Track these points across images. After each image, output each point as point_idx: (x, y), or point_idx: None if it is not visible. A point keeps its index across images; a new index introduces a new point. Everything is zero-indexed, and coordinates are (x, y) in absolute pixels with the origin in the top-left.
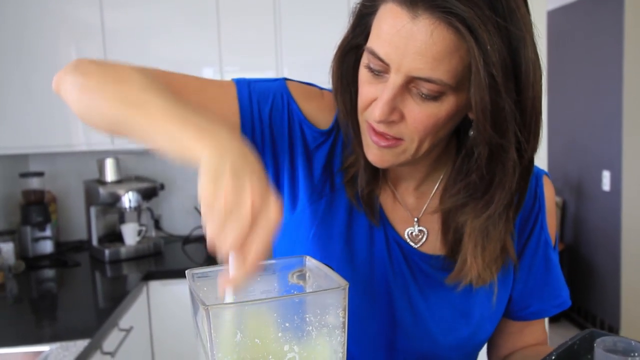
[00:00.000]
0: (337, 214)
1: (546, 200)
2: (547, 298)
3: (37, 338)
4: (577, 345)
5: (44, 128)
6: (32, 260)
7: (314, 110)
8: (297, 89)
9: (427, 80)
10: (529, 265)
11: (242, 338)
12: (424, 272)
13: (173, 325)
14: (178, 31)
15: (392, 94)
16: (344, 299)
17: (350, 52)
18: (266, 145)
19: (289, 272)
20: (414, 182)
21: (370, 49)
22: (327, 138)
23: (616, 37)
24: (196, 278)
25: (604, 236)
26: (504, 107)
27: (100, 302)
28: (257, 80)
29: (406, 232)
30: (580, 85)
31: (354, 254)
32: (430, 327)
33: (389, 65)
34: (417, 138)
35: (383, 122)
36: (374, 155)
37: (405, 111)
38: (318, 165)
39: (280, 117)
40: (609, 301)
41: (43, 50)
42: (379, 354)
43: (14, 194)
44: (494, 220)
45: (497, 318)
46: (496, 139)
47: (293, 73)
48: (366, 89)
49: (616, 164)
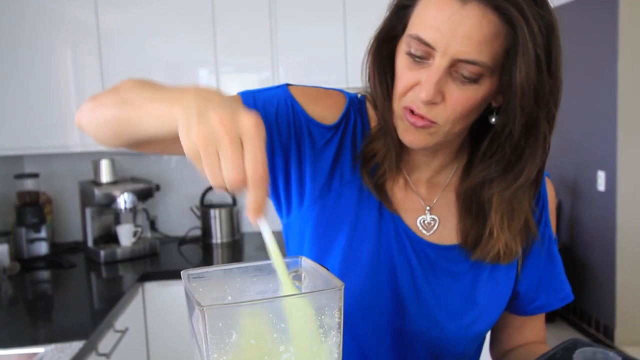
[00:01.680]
0: (346, 206)
1: (549, 199)
2: (552, 292)
3: (32, 339)
4: (559, 355)
5: (39, 129)
6: (27, 261)
7: (319, 110)
8: (300, 92)
9: (471, 63)
10: (535, 260)
11: (237, 338)
12: (431, 262)
13: (169, 327)
14: (173, 32)
15: (438, 75)
16: (339, 300)
17: (386, 43)
18: (276, 147)
19: None
20: (429, 172)
21: (414, 35)
22: (336, 132)
23: (611, 37)
24: (192, 279)
25: (599, 236)
26: (544, 84)
27: (96, 303)
28: (260, 90)
29: (418, 220)
30: (575, 85)
31: (362, 244)
32: (436, 315)
33: (435, 49)
34: (451, 119)
35: (428, 104)
36: (412, 136)
37: (447, 93)
38: (327, 161)
39: (285, 120)
40: (604, 301)
41: (38, 51)
42: (386, 340)
43: (8, 195)
44: (522, 192)
45: (500, 308)
46: (536, 112)
47: (289, 73)
48: (407, 75)
49: (611, 164)
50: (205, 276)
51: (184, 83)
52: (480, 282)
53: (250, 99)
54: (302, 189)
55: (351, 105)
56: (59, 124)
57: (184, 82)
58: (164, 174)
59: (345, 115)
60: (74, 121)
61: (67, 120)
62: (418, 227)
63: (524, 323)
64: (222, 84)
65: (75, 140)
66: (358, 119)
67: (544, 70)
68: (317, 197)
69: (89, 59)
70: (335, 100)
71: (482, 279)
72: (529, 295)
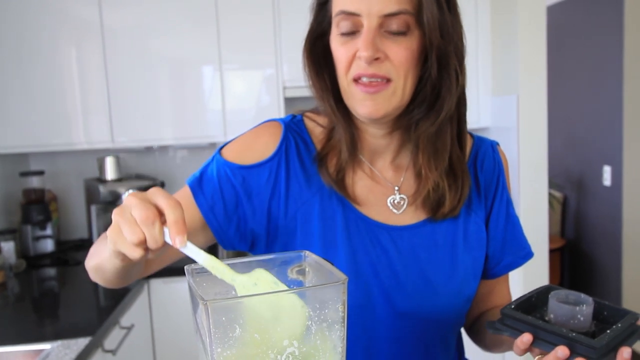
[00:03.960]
0: (311, 222)
1: (503, 165)
2: (515, 250)
3: (38, 336)
4: (534, 298)
5: (44, 127)
6: (33, 259)
7: (256, 154)
8: (231, 151)
9: (395, 14)
10: (496, 222)
11: (241, 333)
12: (408, 244)
13: (174, 323)
14: (177, 30)
15: (372, 34)
16: (343, 294)
17: (317, 41)
18: (235, 214)
19: (288, 267)
20: (390, 154)
21: (339, 11)
22: (279, 159)
23: (616, 32)
24: (195, 274)
25: (605, 232)
26: (447, 20)
27: (101, 300)
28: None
29: (388, 200)
30: (581, 80)
31: (336, 252)
32: (425, 293)
33: (360, 14)
34: (402, 73)
35: (371, 60)
36: (368, 107)
37: (387, 50)
38: (281, 188)
39: (231, 189)
40: (611, 296)
41: (43, 49)
42: (382, 331)
43: (14, 192)
44: (444, 130)
45: (479, 270)
46: (443, 45)
47: (292, 69)
48: (343, 50)
49: (617, 159)
50: (208, 271)
51: (189, 81)
52: (457, 249)
53: (197, 188)
54: (275, 222)
55: (288, 130)
56: (64, 122)
57: (188, 79)
58: (169, 170)
59: (283, 140)
60: (78, 119)
61: (72, 117)
62: (389, 208)
63: (492, 288)
64: (227, 81)
65: (80, 138)
66: (298, 139)
67: (444, 7)
68: (287, 223)
69: (93, 57)
70: (269, 133)
71: (459, 245)
72: (495, 256)
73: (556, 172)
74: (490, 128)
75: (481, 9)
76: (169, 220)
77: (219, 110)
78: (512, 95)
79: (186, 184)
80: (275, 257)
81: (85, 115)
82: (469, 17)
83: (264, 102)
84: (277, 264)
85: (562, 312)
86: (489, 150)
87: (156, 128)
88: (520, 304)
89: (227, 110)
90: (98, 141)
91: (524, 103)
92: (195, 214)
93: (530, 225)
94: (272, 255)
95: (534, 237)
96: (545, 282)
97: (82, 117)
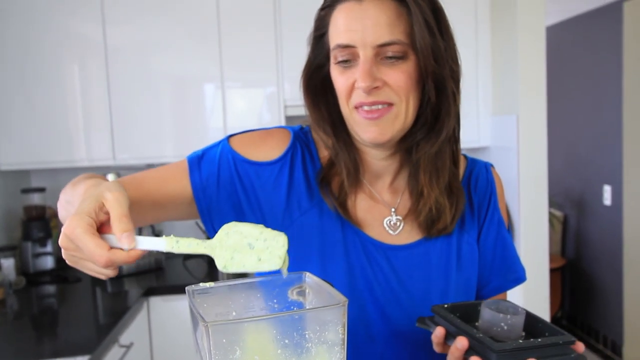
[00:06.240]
0: (310, 234)
1: (496, 186)
2: (504, 273)
3: (37, 354)
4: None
5: (45, 144)
6: (33, 275)
7: (262, 152)
8: (240, 142)
9: (389, 44)
10: (484, 242)
11: (241, 354)
12: (403, 264)
13: (174, 341)
14: (179, 47)
15: (368, 64)
16: (343, 316)
17: (315, 72)
18: (222, 202)
19: (288, 289)
20: (389, 177)
21: (335, 45)
22: (283, 165)
23: (615, 51)
24: (196, 295)
25: (605, 251)
26: (439, 46)
27: (101, 317)
28: (206, 151)
29: (385, 221)
30: (580, 99)
31: (335, 266)
32: (418, 310)
33: (356, 45)
34: (403, 96)
35: (369, 90)
36: (372, 132)
37: (384, 77)
38: (282, 194)
39: (227, 174)
40: (612, 316)
41: (46, 67)
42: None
43: (15, 209)
44: (444, 150)
45: (472, 292)
46: (438, 69)
47: (294, 88)
48: (343, 79)
49: (617, 178)
50: (209, 292)
51: (190, 99)
52: (451, 269)
53: (195, 165)
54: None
55: (296, 138)
56: (66, 139)
57: (190, 97)
58: None
59: (291, 148)
60: (80, 136)
61: (74, 135)
62: (385, 229)
63: None
64: (228, 99)
65: (81, 155)
66: (305, 149)
67: (436, 33)
68: (282, 229)
69: (96, 75)
70: (278, 138)
71: (452, 265)
72: (484, 277)
73: (556, 192)
74: (490, 148)
75: (481, 30)
76: (112, 217)
77: (220, 128)
78: (512, 115)
79: (185, 158)
80: (275, 278)
81: (86, 132)
82: (468, 38)
83: (265, 120)
84: (278, 285)
85: (488, 318)
86: (482, 171)
87: (157, 145)
88: (459, 306)
89: (228, 128)
90: (99, 158)
91: (524, 123)
92: (186, 189)
93: (530, 244)
94: (272, 277)
95: (534, 257)
96: (546, 301)
97: (83, 134)
